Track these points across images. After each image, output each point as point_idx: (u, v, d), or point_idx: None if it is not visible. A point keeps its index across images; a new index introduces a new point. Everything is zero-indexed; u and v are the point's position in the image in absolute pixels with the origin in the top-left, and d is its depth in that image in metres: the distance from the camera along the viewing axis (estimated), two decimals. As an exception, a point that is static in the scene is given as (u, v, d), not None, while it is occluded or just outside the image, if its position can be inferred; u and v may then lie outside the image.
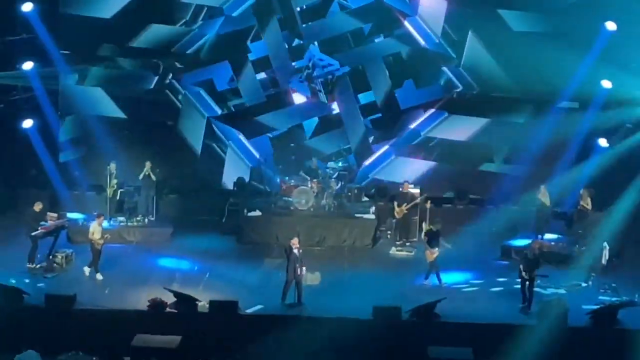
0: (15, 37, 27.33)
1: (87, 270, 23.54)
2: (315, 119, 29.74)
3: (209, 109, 29.43)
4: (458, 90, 28.92)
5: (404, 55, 29.03)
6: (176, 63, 29.14)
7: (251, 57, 29.17)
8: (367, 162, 29.37)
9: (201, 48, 28.99)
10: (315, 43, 29.26)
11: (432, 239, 23.38)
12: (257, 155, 29.30)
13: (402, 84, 29.15)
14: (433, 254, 23.16)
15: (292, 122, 29.58)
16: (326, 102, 29.49)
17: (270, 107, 29.19)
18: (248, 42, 29.17)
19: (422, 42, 28.72)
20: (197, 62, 29.16)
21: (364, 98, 29.60)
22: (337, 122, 29.49)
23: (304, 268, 22.03)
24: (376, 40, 29.31)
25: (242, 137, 29.52)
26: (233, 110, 29.61)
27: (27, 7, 27.06)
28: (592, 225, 25.55)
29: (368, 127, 29.44)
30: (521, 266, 22.02)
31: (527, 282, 21.91)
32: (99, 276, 23.30)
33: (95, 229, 23.46)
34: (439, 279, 23.28)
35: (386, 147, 29.38)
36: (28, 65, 27.37)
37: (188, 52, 28.89)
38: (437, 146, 29.13)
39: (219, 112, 29.53)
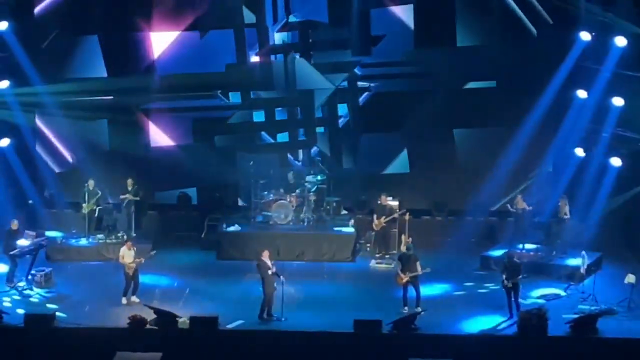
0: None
1: (124, 300, 22.99)
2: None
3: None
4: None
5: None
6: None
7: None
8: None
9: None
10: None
11: (405, 263, 22.77)
12: None
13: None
14: (402, 279, 22.74)
15: None
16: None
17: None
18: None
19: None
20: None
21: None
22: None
23: (281, 277, 22.03)
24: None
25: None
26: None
27: (2, 26, 26.98)
28: (570, 234, 25.71)
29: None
30: (503, 276, 22.11)
31: (512, 292, 22.00)
32: (124, 300, 22.90)
33: (125, 253, 23.04)
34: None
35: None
36: (4, 84, 27.25)
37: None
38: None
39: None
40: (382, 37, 28.77)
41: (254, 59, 29.17)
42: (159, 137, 29.69)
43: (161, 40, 28.98)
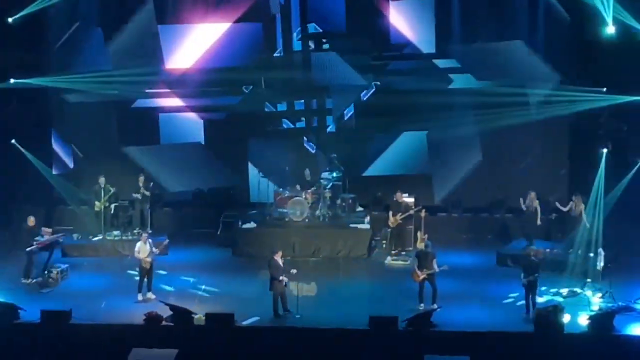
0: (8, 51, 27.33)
1: (140, 296, 23.03)
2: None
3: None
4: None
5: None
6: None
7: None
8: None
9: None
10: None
11: (422, 260, 22.69)
12: None
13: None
14: (419, 276, 22.62)
15: None
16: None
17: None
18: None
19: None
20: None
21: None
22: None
23: (286, 279, 22.09)
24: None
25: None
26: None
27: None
28: (586, 231, 25.58)
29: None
30: (522, 274, 22.05)
31: (529, 289, 21.94)
32: (139, 296, 22.94)
33: (141, 248, 23.09)
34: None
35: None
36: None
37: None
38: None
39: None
40: (404, 45, 28.74)
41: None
42: (171, 134, 29.76)
43: (178, 34, 29.08)
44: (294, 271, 22.18)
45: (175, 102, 29.55)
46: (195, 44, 28.99)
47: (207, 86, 29.24)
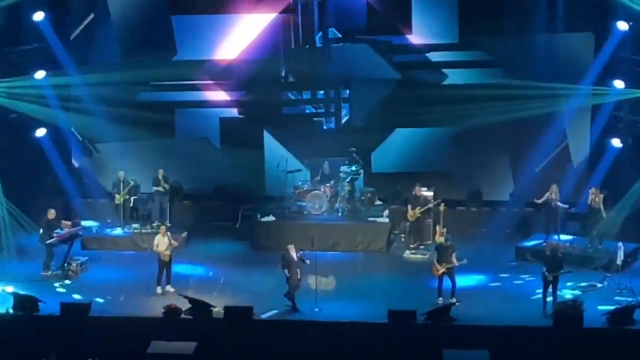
0: (27, 46, 27.39)
1: (159, 289, 23.11)
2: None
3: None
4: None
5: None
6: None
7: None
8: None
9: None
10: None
11: (442, 254, 22.64)
12: None
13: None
14: (438, 270, 22.61)
15: None
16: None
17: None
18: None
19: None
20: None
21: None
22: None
23: (307, 261, 22.28)
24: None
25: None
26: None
27: (38, 17, 27.12)
28: (605, 225, 25.50)
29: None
30: (544, 268, 21.96)
31: (552, 285, 21.85)
32: (158, 289, 23.01)
33: (160, 241, 23.12)
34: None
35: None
36: (40, 75, 27.35)
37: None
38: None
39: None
40: (426, 46, 28.70)
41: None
42: (187, 127, 29.79)
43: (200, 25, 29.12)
44: (307, 262, 22.24)
45: (192, 95, 29.58)
46: (218, 35, 29.02)
47: (229, 79, 29.24)
